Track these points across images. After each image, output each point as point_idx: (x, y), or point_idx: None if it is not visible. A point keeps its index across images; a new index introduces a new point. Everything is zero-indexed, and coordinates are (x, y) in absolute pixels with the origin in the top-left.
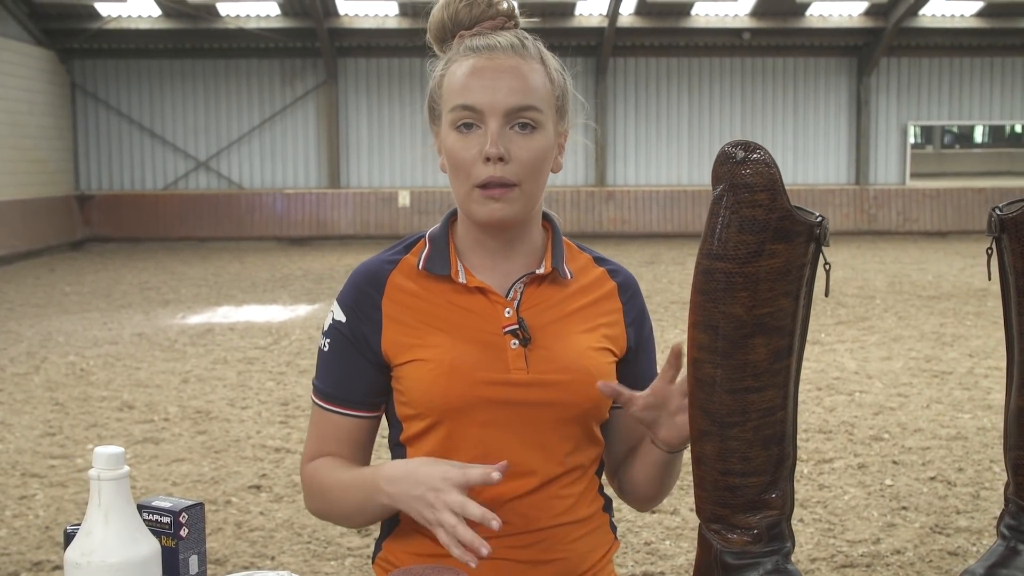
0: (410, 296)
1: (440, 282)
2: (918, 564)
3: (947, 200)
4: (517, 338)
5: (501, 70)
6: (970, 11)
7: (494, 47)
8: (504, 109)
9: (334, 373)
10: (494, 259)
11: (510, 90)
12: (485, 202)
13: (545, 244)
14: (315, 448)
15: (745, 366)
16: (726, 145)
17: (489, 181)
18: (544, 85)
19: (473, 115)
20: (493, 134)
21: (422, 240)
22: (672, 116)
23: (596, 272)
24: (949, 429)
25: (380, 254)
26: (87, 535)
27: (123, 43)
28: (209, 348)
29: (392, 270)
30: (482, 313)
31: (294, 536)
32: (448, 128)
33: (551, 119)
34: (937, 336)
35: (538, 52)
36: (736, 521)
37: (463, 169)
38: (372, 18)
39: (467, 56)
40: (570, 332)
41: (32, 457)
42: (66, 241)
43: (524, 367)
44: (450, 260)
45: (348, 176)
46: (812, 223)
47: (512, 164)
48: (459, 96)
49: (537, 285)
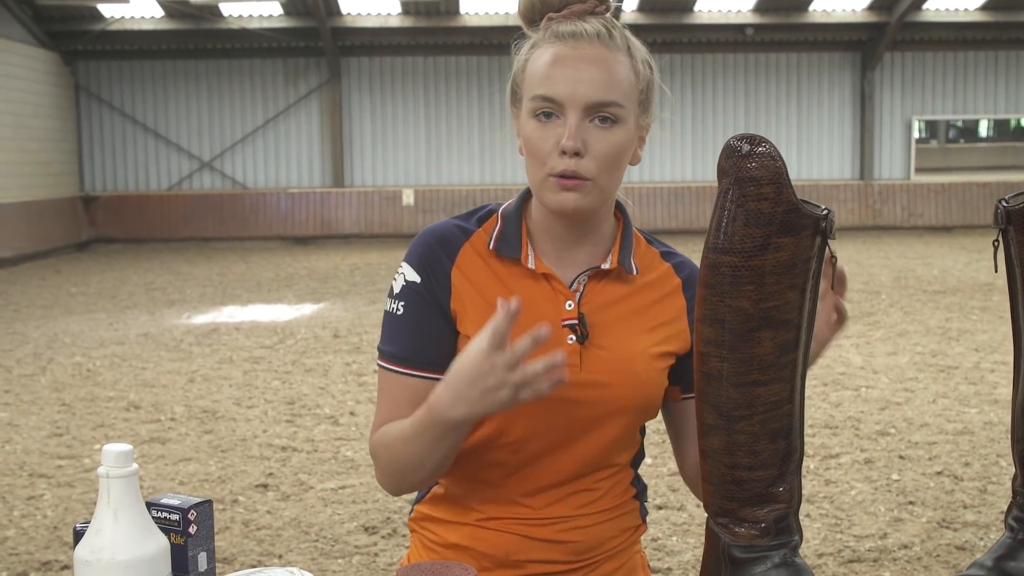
0: (478, 273)
1: (508, 264)
2: (925, 559)
3: (952, 195)
4: (575, 334)
5: (585, 61)
6: (974, 5)
7: (579, 35)
8: (584, 103)
9: (409, 336)
10: (562, 247)
11: (592, 83)
12: (559, 191)
13: (615, 236)
14: (386, 415)
15: (752, 360)
16: (731, 139)
17: (564, 172)
18: (628, 78)
19: (553, 106)
20: (571, 127)
21: (494, 216)
22: (676, 112)
23: (662, 268)
24: (955, 424)
25: (451, 220)
26: (96, 533)
27: (126, 44)
28: (215, 348)
29: (466, 241)
30: (544, 302)
31: (301, 534)
32: (528, 115)
33: (633, 112)
34: (943, 331)
35: (625, 42)
36: (743, 515)
37: (539, 157)
38: (375, 17)
39: (552, 43)
40: (629, 332)
41: (39, 457)
42: (71, 242)
43: (578, 364)
44: (521, 242)
45: (352, 175)
46: (818, 216)
47: (588, 158)
48: (541, 85)
49: (601, 279)
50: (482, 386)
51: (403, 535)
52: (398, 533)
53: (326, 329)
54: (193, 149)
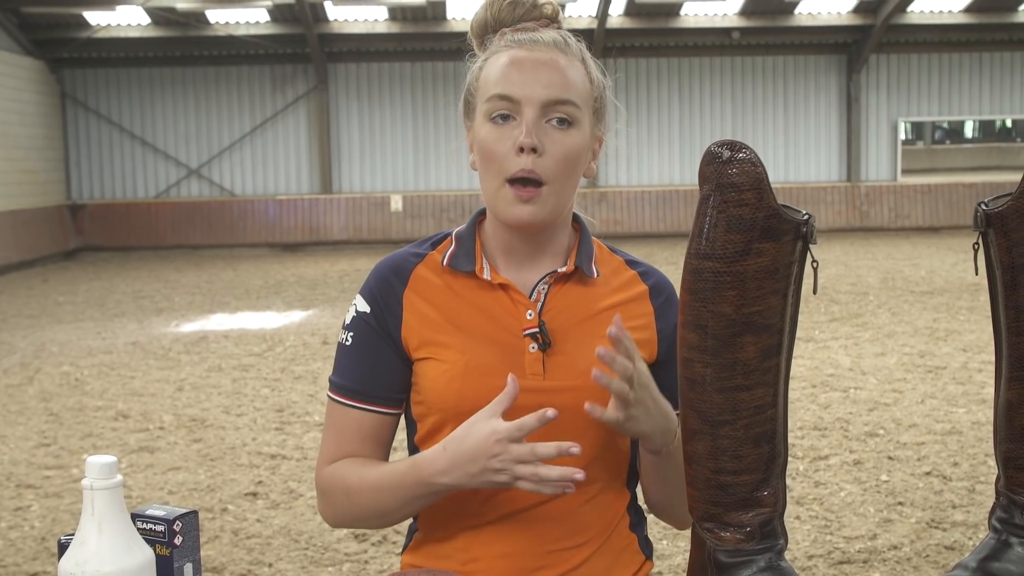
0: (433, 290)
1: (464, 279)
2: (915, 559)
3: (939, 195)
4: (536, 342)
5: (541, 61)
6: (958, 6)
7: (536, 40)
8: (542, 100)
9: (357, 367)
10: (520, 260)
11: (548, 82)
12: (515, 202)
13: (572, 245)
14: (334, 449)
15: (735, 364)
16: (712, 145)
17: (520, 173)
18: (583, 83)
19: (510, 105)
20: (529, 123)
21: (448, 238)
22: (663, 116)
23: (627, 274)
24: (944, 424)
25: (405, 248)
26: (81, 545)
27: (113, 52)
28: (203, 356)
29: (417, 263)
30: (504, 313)
31: (291, 543)
32: (482, 119)
33: (588, 118)
34: (931, 331)
35: (580, 52)
36: (729, 519)
37: (495, 162)
38: (362, 23)
39: (507, 48)
40: (593, 336)
41: (27, 468)
42: (59, 251)
43: (541, 372)
44: (475, 256)
45: (340, 181)
46: (799, 221)
47: (545, 158)
48: (496, 86)
49: (562, 285)
50: (484, 465)
51: (393, 542)
52: (388, 540)
53: (315, 336)
54: (180, 156)
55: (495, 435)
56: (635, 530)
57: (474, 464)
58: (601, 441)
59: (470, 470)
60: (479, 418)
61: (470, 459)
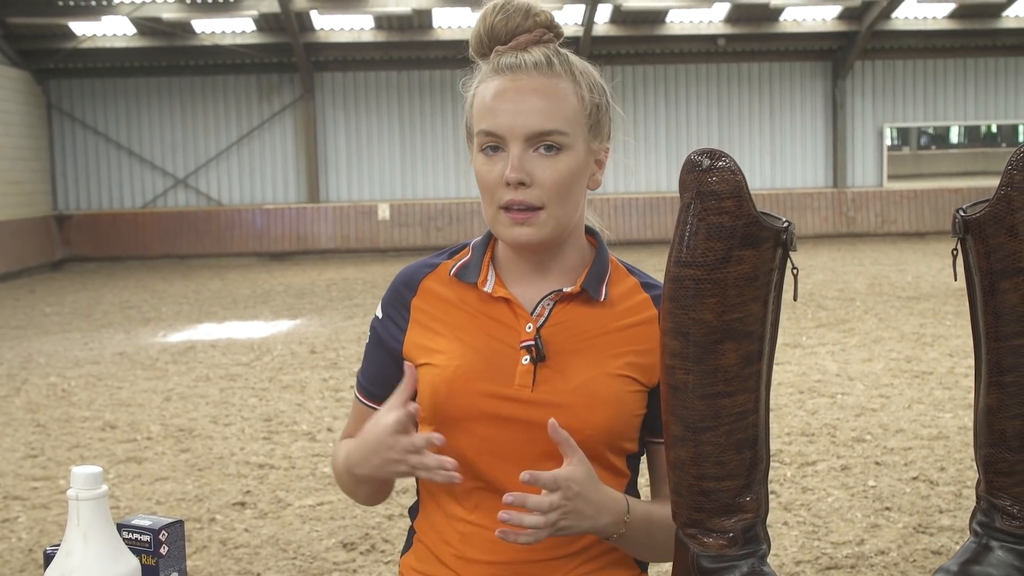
0: (439, 300)
1: (469, 290)
2: (902, 564)
3: (924, 201)
4: (530, 354)
5: (523, 92)
6: (942, 13)
7: (518, 67)
8: (524, 134)
9: (370, 367)
10: (528, 275)
11: (531, 113)
12: (510, 225)
13: (585, 263)
14: (346, 432)
15: (716, 371)
16: (692, 153)
17: (510, 204)
18: (572, 104)
19: (496, 140)
20: (514, 159)
21: (467, 247)
22: (650, 123)
23: (639, 298)
24: (931, 429)
25: (425, 258)
26: (67, 555)
27: (98, 62)
28: (191, 366)
29: (428, 274)
30: (503, 325)
31: (279, 552)
32: (476, 150)
33: (581, 138)
34: (917, 336)
35: (569, 69)
36: (712, 525)
37: (488, 190)
38: (348, 32)
39: (493, 77)
40: (591, 356)
41: (14, 479)
42: (45, 262)
43: (529, 384)
44: (482, 269)
45: (327, 190)
46: (779, 228)
47: (535, 188)
48: (484, 120)
49: (567, 304)
50: (384, 456)
51: (381, 551)
52: (376, 549)
53: (303, 345)
54: (167, 166)
55: (387, 428)
56: None
57: (376, 456)
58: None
59: (374, 461)
60: (382, 412)
61: (373, 451)
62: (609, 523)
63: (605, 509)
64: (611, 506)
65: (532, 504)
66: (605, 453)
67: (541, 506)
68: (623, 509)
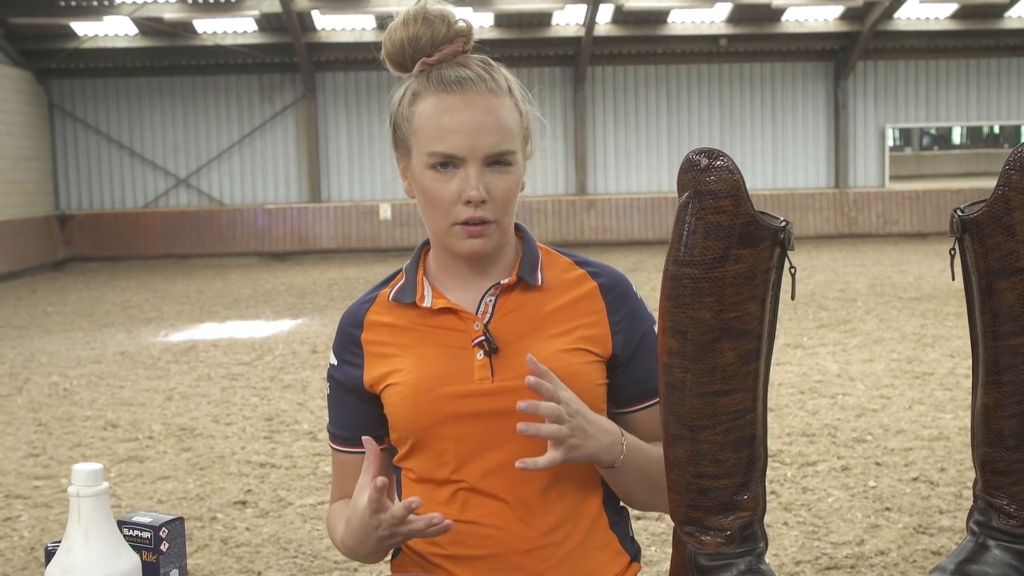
0: (385, 328)
1: (411, 309)
2: (902, 564)
3: (926, 202)
4: (483, 349)
5: (477, 111)
6: (945, 13)
7: (465, 82)
8: (483, 155)
9: (338, 416)
10: (468, 280)
11: (487, 134)
12: (465, 238)
13: (517, 255)
14: (337, 489)
15: (714, 370)
16: (690, 153)
17: (470, 220)
18: (515, 120)
19: (452, 160)
20: (474, 179)
21: (400, 273)
22: (651, 123)
23: (575, 273)
24: (931, 430)
25: (361, 295)
26: (68, 552)
27: (100, 62)
28: (192, 365)
29: (369, 307)
30: (452, 331)
31: (280, 551)
32: (423, 167)
33: (521, 151)
34: (918, 337)
35: (506, 83)
36: (709, 523)
37: (441, 208)
38: (349, 32)
39: (438, 92)
40: (540, 336)
41: (16, 478)
42: (47, 261)
43: (489, 376)
44: (417, 287)
45: (329, 190)
46: (776, 228)
47: (490, 203)
48: (437, 141)
49: (508, 295)
50: (377, 536)
51: None
52: None
53: (304, 345)
54: (169, 166)
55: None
56: (615, 529)
57: (369, 537)
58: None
59: (370, 543)
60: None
61: (365, 534)
62: (610, 443)
63: (603, 429)
64: (607, 427)
65: (544, 410)
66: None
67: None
68: (618, 431)
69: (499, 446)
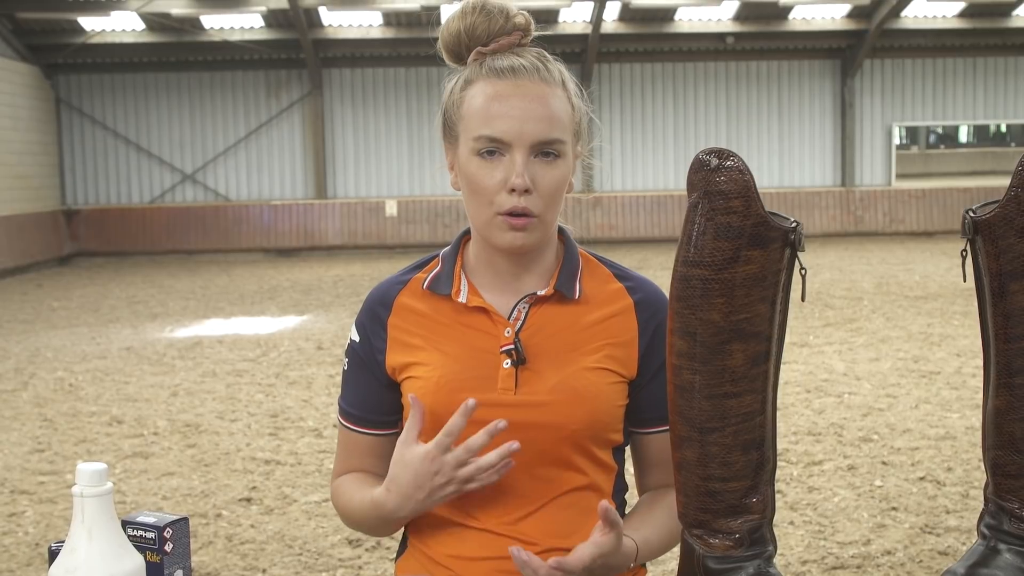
0: (415, 315)
1: (444, 301)
2: (908, 564)
3: (933, 200)
4: (511, 358)
5: (526, 98)
6: (952, 12)
7: (518, 71)
8: (531, 142)
9: (353, 393)
10: (504, 279)
11: (537, 121)
12: (507, 230)
13: (558, 260)
14: (341, 465)
15: (723, 372)
16: (700, 152)
17: (513, 211)
18: (566, 111)
19: (499, 145)
20: (520, 166)
21: (436, 259)
22: (658, 121)
23: (613, 287)
24: (938, 429)
25: (394, 274)
26: (71, 552)
27: (107, 57)
28: (198, 361)
29: (400, 290)
30: (482, 332)
31: (285, 548)
32: (469, 152)
33: (571, 144)
34: (925, 336)
35: (560, 76)
36: (718, 526)
37: (485, 195)
38: (356, 28)
39: (489, 79)
40: (569, 352)
41: (21, 474)
42: (53, 256)
43: (512, 387)
44: (454, 280)
45: (335, 187)
46: (787, 229)
47: (535, 194)
48: (484, 125)
49: (542, 306)
50: (429, 487)
51: (387, 547)
52: (382, 545)
53: (309, 341)
54: (175, 162)
55: (427, 455)
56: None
57: (420, 491)
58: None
59: (418, 496)
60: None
61: (415, 488)
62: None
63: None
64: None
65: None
66: (591, 447)
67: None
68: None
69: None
